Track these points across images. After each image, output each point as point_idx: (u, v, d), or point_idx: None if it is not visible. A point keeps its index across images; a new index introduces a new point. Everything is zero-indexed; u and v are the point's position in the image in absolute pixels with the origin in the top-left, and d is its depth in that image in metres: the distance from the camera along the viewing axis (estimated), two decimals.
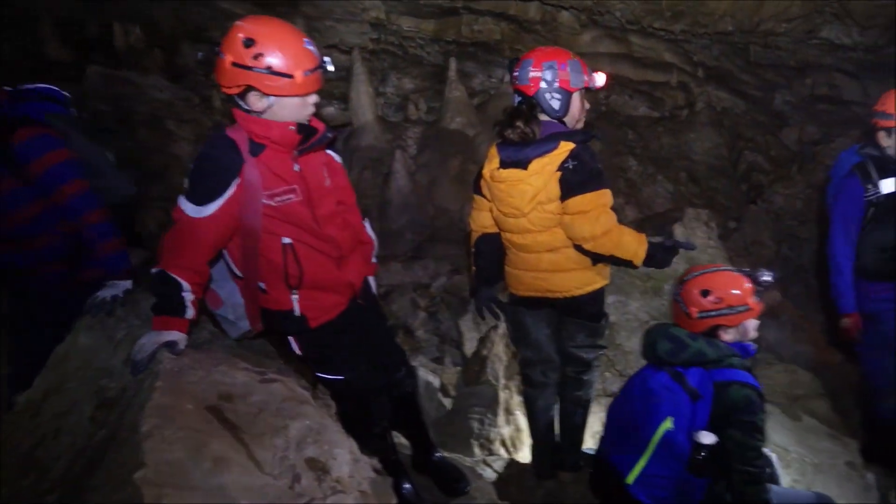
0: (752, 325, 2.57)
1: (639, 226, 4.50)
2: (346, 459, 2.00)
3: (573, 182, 2.57)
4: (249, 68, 2.06)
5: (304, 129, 2.25)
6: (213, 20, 6.07)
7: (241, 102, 2.15)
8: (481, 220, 2.97)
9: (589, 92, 2.78)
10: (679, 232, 5.47)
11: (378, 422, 2.63)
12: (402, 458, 2.78)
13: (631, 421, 2.58)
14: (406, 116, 7.02)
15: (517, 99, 2.75)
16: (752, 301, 2.51)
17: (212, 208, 2.13)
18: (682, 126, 7.24)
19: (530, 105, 2.67)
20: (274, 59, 2.07)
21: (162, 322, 2.11)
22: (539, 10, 6.36)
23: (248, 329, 2.44)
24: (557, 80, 2.63)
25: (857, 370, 3.89)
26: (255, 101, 2.13)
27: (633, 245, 2.64)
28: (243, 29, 2.07)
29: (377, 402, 2.60)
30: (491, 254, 2.99)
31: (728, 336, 2.53)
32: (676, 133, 7.07)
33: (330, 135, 2.34)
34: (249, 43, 2.07)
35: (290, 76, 2.09)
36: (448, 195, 6.07)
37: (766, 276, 2.59)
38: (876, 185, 3.36)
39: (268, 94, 2.11)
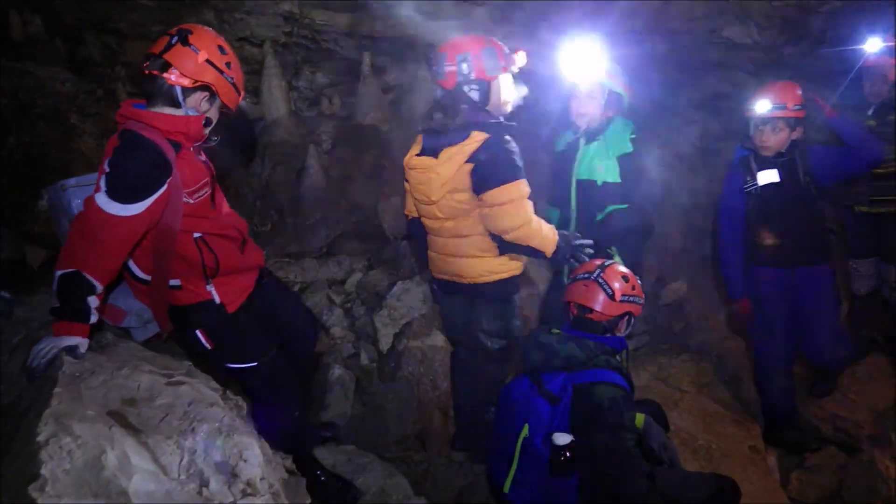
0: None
1: None
2: (258, 461, 1.97)
3: (486, 174, 2.59)
4: (220, 72, 2.30)
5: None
6: (117, 10, 5.82)
7: (175, 97, 2.26)
8: (409, 206, 3.02)
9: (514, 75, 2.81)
10: None
11: (293, 409, 2.62)
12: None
13: (501, 431, 2.64)
14: (320, 111, 6.92)
15: (439, 92, 2.76)
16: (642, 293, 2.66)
17: (140, 207, 2.11)
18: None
19: (452, 98, 2.69)
20: (234, 74, 2.36)
21: (64, 327, 2.04)
22: (453, 6, 6.39)
23: (157, 331, 2.38)
24: (473, 70, 2.65)
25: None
26: (200, 102, 2.31)
27: (550, 236, 2.69)
28: (216, 38, 2.35)
29: (289, 388, 2.60)
30: (422, 238, 3.04)
31: (624, 329, 2.64)
32: None
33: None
34: (223, 51, 2.33)
35: (239, 93, 2.41)
36: (362, 191, 6.02)
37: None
38: (754, 177, 3.56)
39: (217, 100, 2.36)
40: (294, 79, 6.98)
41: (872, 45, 3.85)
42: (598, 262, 2.71)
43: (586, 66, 3.28)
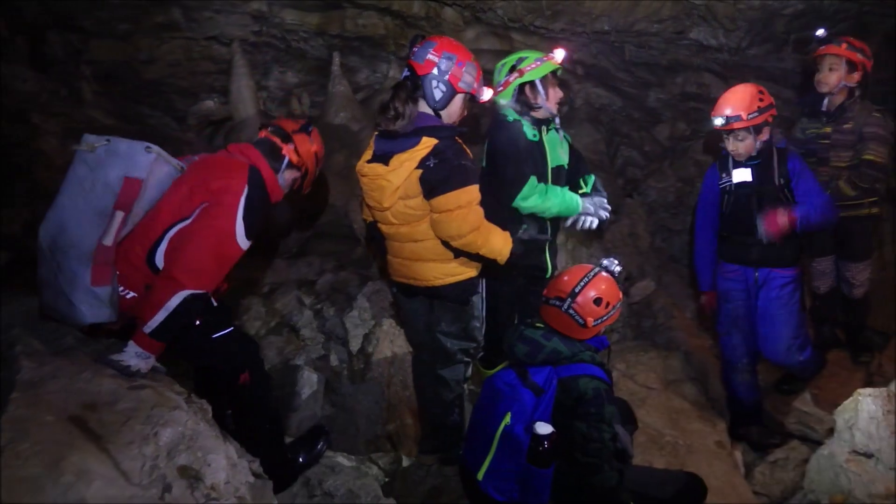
0: None
1: None
2: (222, 465, 1.97)
3: (434, 181, 2.60)
4: (315, 167, 2.86)
5: None
6: (81, 8, 5.73)
7: (279, 164, 2.66)
8: (366, 211, 3.03)
9: (472, 101, 2.85)
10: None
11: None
12: None
13: (480, 420, 2.67)
14: (290, 111, 6.88)
15: (406, 72, 2.77)
16: (621, 294, 2.66)
17: (250, 243, 2.45)
18: (563, 122, 7.44)
19: (415, 84, 2.70)
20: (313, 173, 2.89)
21: (153, 346, 2.27)
22: (423, 6, 6.38)
23: (107, 319, 2.30)
24: (449, 72, 2.67)
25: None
26: (292, 179, 2.74)
27: (499, 244, 2.71)
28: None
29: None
30: (380, 240, 3.05)
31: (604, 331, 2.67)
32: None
33: None
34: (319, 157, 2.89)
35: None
36: (333, 191, 6.00)
37: (617, 267, 2.75)
38: (729, 175, 3.59)
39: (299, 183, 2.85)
40: (263, 78, 6.94)
41: (819, 32, 3.95)
42: (576, 280, 2.67)
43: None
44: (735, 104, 3.44)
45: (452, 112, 2.79)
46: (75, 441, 1.64)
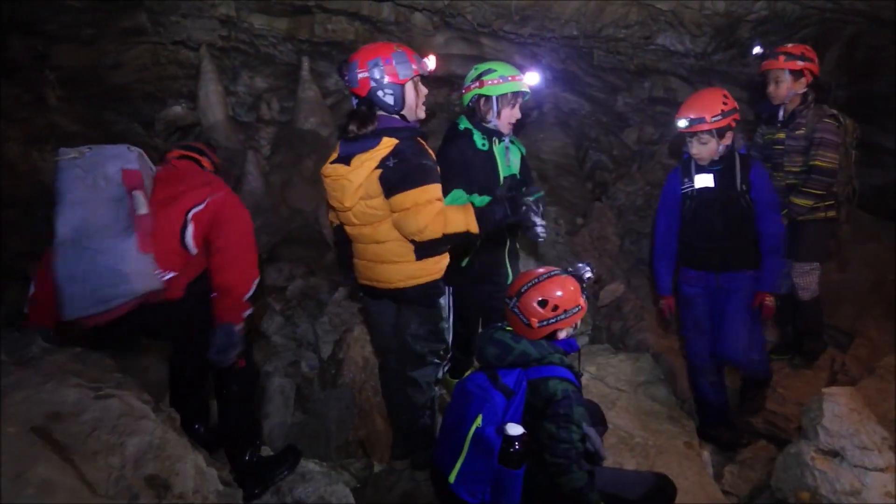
0: (580, 319, 2.72)
1: None
2: (190, 474, 1.95)
3: (393, 180, 2.62)
4: None
5: None
6: (44, 12, 5.64)
7: None
8: (332, 214, 3.02)
9: (424, 78, 2.85)
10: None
11: None
12: None
13: (452, 423, 2.67)
14: (259, 116, 6.84)
15: (354, 101, 2.78)
16: (582, 300, 2.65)
17: None
18: (532, 126, 7.51)
19: (369, 105, 2.71)
20: None
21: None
22: (393, 11, 6.40)
23: (158, 287, 2.48)
24: (386, 76, 2.67)
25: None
26: None
27: (461, 216, 2.64)
28: None
29: None
30: (346, 243, 3.04)
31: (563, 334, 2.66)
32: (526, 133, 7.32)
33: None
34: None
35: None
36: (303, 196, 5.98)
37: (588, 273, 2.74)
38: (692, 180, 3.61)
39: None
40: (232, 83, 6.89)
41: (756, 50, 4.06)
42: (527, 279, 2.66)
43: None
44: (699, 107, 3.45)
45: (410, 104, 2.79)
46: (39, 452, 1.61)
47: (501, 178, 3.41)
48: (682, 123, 3.47)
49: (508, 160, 3.47)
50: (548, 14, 6.10)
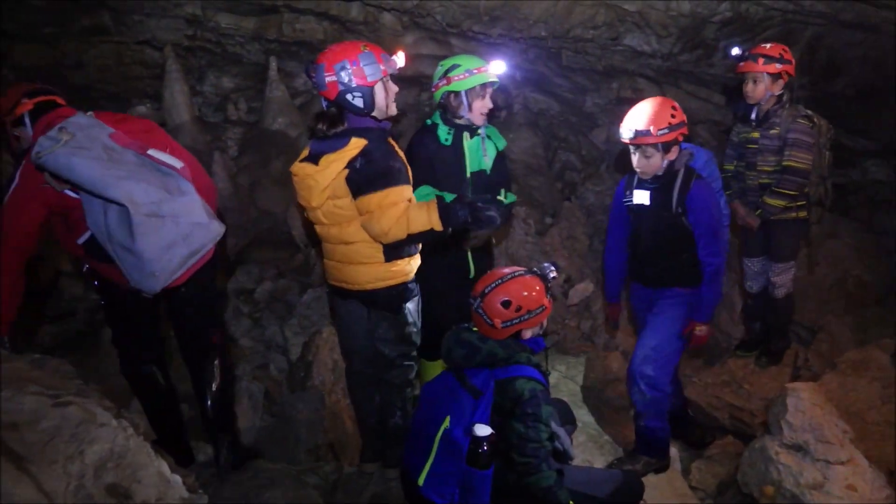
0: (546, 319, 2.73)
1: None
2: (153, 481, 1.92)
3: (360, 181, 2.61)
4: None
5: None
6: (3, 10, 5.51)
7: None
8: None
9: (394, 77, 2.83)
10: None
11: None
12: None
13: (420, 425, 2.67)
14: (226, 117, 6.77)
15: (324, 103, 2.76)
16: (547, 300, 2.66)
17: None
18: (502, 126, 7.50)
19: (339, 107, 2.69)
20: None
21: None
22: (361, 11, 6.35)
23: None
24: (354, 78, 2.64)
25: None
26: None
27: (423, 214, 2.60)
28: None
29: None
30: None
31: (528, 334, 2.67)
32: None
33: None
34: None
35: None
36: (271, 197, 5.94)
37: (553, 273, 2.74)
38: (632, 193, 3.43)
39: None
40: (198, 83, 6.81)
41: (734, 52, 4.04)
42: (492, 279, 2.64)
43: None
44: (645, 118, 3.18)
45: (380, 104, 2.76)
46: None
47: (468, 173, 3.41)
48: (625, 135, 3.23)
49: (485, 153, 3.47)
50: (517, 15, 6.10)
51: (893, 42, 5.47)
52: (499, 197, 3.59)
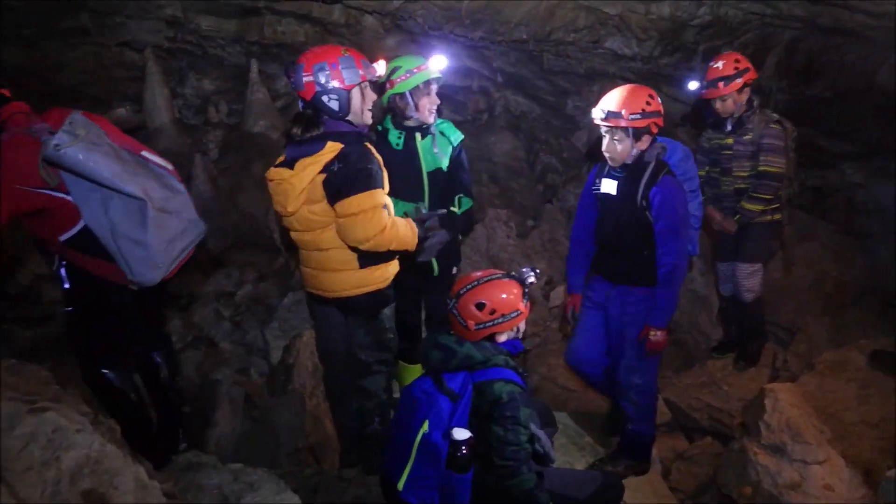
0: (523, 323, 2.73)
1: None
2: (130, 487, 1.91)
3: (338, 185, 2.61)
4: None
5: None
6: None
7: None
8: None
9: (373, 83, 2.84)
10: (480, 232, 5.72)
11: None
12: None
13: (399, 430, 2.67)
14: (206, 119, 6.74)
15: (300, 103, 2.76)
16: (523, 305, 2.66)
17: None
18: (483, 129, 7.55)
19: (314, 109, 2.69)
20: None
21: None
22: (343, 13, 6.35)
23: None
24: (331, 80, 2.64)
25: None
26: None
27: (409, 234, 2.72)
28: None
29: None
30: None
31: (503, 337, 2.68)
32: (477, 136, 7.35)
33: None
34: None
35: None
36: (252, 200, 5.91)
37: (531, 277, 2.75)
38: (599, 182, 3.35)
39: None
40: (179, 86, 6.78)
41: (692, 87, 4.03)
42: (469, 281, 2.65)
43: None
44: (619, 100, 3.09)
45: (357, 109, 2.75)
46: None
47: (425, 175, 3.39)
48: (596, 115, 3.15)
49: (439, 151, 3.44)
50: (498, 17, 6.13)
51: (870, 46, 5.55)
52: (452, 208, 3.48)
